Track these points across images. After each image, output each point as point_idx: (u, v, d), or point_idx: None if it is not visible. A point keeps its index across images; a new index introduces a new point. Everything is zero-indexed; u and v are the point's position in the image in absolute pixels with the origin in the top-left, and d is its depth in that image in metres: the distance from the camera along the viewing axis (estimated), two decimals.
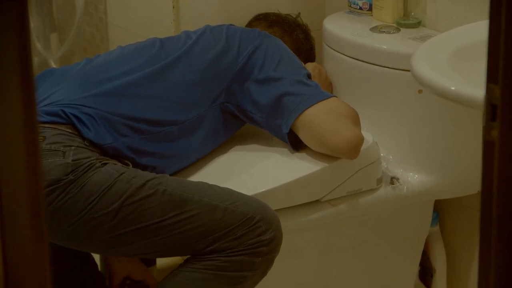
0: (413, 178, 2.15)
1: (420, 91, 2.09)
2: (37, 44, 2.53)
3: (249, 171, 2.05)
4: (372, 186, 2.10)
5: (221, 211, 1.86)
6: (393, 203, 2.14)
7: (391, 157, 2.17)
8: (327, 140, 1.98)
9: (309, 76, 2.07)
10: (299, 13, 2.32)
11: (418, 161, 2.17)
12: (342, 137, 1.97)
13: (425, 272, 2.35)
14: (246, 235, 1.86)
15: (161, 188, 1.86)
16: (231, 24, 2.16)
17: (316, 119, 1.97)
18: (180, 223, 1.86)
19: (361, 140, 1.98)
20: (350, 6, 2.35)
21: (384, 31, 2.21)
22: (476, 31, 1.90)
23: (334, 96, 2.05)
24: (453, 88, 1.63)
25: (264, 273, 1.92)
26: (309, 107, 1.98)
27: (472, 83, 1.60)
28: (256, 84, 2.03)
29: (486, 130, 0.91)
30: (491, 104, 0.89)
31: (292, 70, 2.06)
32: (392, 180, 2.14)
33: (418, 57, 1.78)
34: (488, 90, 0.87)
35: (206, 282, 1.89)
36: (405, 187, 2.13)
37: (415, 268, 2.31)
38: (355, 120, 2.01)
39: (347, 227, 2.14)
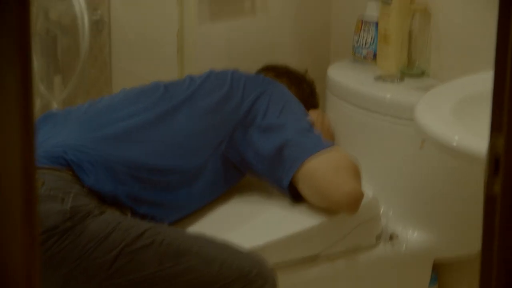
0: (412, 236, 2.13)
1: (422, 144, 2.06)
2: (40, 86, 2.52)
3: (248, 224, 2.01)
4: (371, 243, 2.08)
5: (218, 264, 1.83)
6: (391, 260, 2.12)
7: (391, 213, 2.14)
8: (327, 194, 1.95)
9: (312, 124, 2.04)
10: (307, 69, 2.31)
11: (418, 217, 2.14)
12: (342, 192, 1.94)
13: None
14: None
15: (159, 238, 1.83)
16: (236, 69, 2.14)
17: (316, 171, 1.95)
18: (176, 274, 1.83)
19: (361, 195, 1.95)
20: (355, 55, 2.33)
21: (387, 81, 2.19)
22: (481, 82, 1.86)
23: (336, 146, 2.02)
24: (456, 140, 1.58)
25: None
26: (309, 158, 1.95)
27: (476, 136, 1.56)
28: (259, 132, 2.01)
29: (489, 184, 0.87)
30: (494, 158, 0.85)
31: (295, 117, 2.04)
32: (391, 236, 2.11)
33: (421, 107, 1.74)
34: (492, 141, 0.84)
35: None
36: (404, 244, 2.10)
37: None
38: (356, 174, 1.98)
39: (344, 283, 2.10)
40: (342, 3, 2.51)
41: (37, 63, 2.55)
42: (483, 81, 1.75)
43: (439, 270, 2.29)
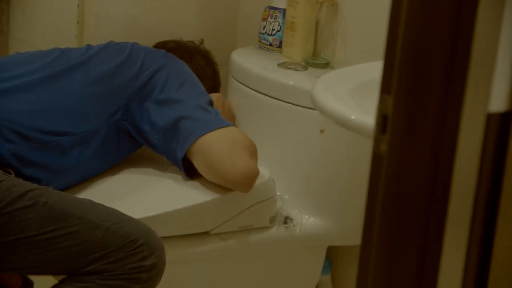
0: (308, 221, 2.09)
1: (322, 131, 2.04)
2: None
3: (139, 194, 1.95)
4: (264, 224, 2.03)
5: (103, 230, 1.74)
6: (285, 243, 2.07)
7: (287, 196, 2.10)
8: (221, 170, 1.89)
9: (211, 103, 1.99)
10: (202, 39, 2.27)
11: (314, 203, 2.10)
12: (236, 168, 1.88)
13: None
14: (126, 258, 1.74)
15: (42, 200, 1.72)
16: (136, 43, 2.08)
17: (212, 146, 1.89)
18: (57, 239, 1.73)
19: (256, 173, 1.90)
20: (260, 41, 2.31)
21: (291, 68, 2.16)
22: (377, 69, 1.85)
23: (234, 126, 1.97)
24: (353, 117, 1.56)
25: None
26: (206, 133, 1.89)
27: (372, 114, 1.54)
28: (156, 104, 1.95)
29: (375, 143, 0.86)
30: (383, 116, 0.84)
31: (194, 94, 1.98)
32: (286, 220, 2.07)
33: (320, 87, 1.72)
34: (381, 101, 0.83)
35: None
36: (298, 228, 2.06)
37: None
38: (252, 152, 1.93)
39: (235, 264, 2.05)
40: None
41: None
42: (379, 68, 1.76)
43: (333, 259, 2.27)
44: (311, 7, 2.19)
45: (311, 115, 2.01)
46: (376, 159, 0.87)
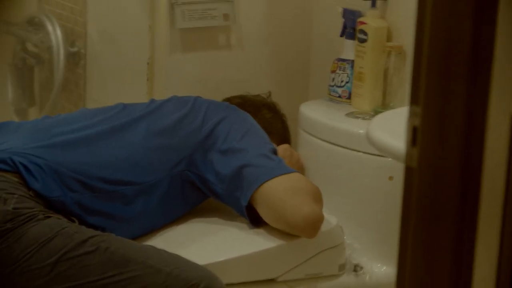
0: (379, 269, 2.06)
1: (390, 178, 2.03)
2: (14, 118, 2.51)
3: (203, 242, 1.96)
4: (333, 272, 2.00)
5: (164, 275, 1.76)
6: None
7: (356, 244, 2.08)
8: (285, 215, 1.88)
9: (275, 152, 2.00)
10: (269, 92, 2.30)
11: (384, 251, 2.08)
12: (300, 213, 1.87)
13: None
14: None
15: (104, 246, 1.76)
16: (199, 96, 2.12)
17: (275, 192, 1.89)
18: (119, 283, 1.76)
19: (320, 217, 1.89)
20: (330, 94, 2.32)
21: (359, 117, 2.17)
22: None
23: (297, 172, 1.97)
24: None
25: None
26: (269, 179, 1.90)
27: None
28: (219, 154, 1.97)
29: (407, 156, 0.89)
30: (413, 127, 0.87)
31: (257, 143, 2.00)
32: (356, 267, 2.07)
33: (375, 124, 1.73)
34: (411, 113, 0.86)
35: None
36: (368, 275, 2.03)
37: None
38: (317, 198, 1.92)
39: None
40: (321, 42, 2.52)
41: (13, 94, 2.54)
42: None
43: None
44: (379, 57, 2.21)
45: (380, 162, 2.01)
46: (408, 172, 0.89)
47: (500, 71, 0.80)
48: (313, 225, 1.89)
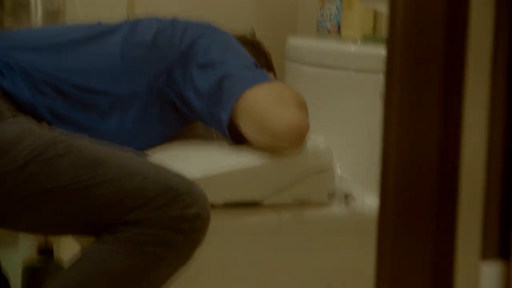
0: (371, 200, 1.99)
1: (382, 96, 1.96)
2: None
3: (183, 162, 1.88)
4: (322, 199, 1.94)
5: (141, 178, 1.73)
6: (345, 223, 2.01)
7: (347, 175, 2.05)
8: (267, 124, 1.83)
9: (256, 65, 1.95)
10: (253, 31, 2.28)
11: (377, 179, 1.99)
12: (284, 120, 1.82)
13: None
14: (167, 206, 1.72)
15: (75, 148, 1.74)
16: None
17: (257, 101, 1.84)
18: (92, 187, 1.73)
19: (305, 125, 1.83)
20: (319, 30, 2.33)
21: (349, 42, 2.15)
22: None
23: (280, 82, 1.92)
24: None
25: (185, 259, 1.77)
26: (249, 88, 1.84)
27: None
28: (199, 68, 1.92)
29: None
30: None
31: (237, 56, 1.95)
32: (347, 197, 1.99)
33: None
34: None
35: (117, 260, 1.74)
36: (360, 205, 1.97)
37: None
38: (301, 105, 1.87)
39: (289, 242, 1.97)
40: None
41: None
42: None
43: None
44: None
45: (371, 80, 2.00)
46: None
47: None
48: (298, 133, 1.84)
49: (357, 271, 2.04)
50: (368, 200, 2.00)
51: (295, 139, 1.85)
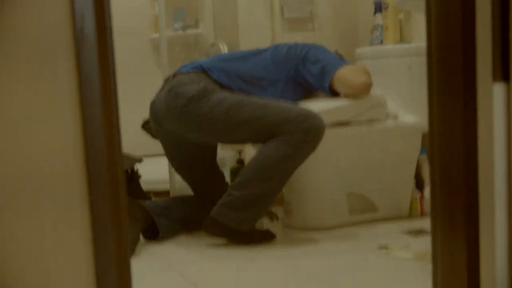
0: (409, 117, 3.62)
1: (409, 68, 3.71)
2: None
3: (312, 105, 3.45)
4: (382, 118, 3.57)
5: (287, 110, 3.21)
6: (394, 130, 3.58)
7: (394, 106, 3.65)
8: (350, 83, 3.40)
9: (341, 57, 3.65)
10: (337, 50, 3.89)
11: (411, 108, 3.69)
12: (358, 80, 3.41)
13: (418, 182, 3.75)
14: (302, 123, 3.17)
15: (252, 101, 3.24)
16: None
17: (342, 74, 3.42)
18: (263, 118, 3.22)
19: (370, 82, 3.42)
20: (370, 44, 4.07)
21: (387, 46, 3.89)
22: None
23: (354, 64, 3.63)
24: None
25: (312, 149, 3.19)
26: (337, 69, 3.43)
27: None
28: (311, 63, 3.50)
29: None
30: None
31: (330, 55, 3.55)
32: (395, 116, 3.61)
33: None
34: None
35: (279, 149, 3.18)
36: (402, 120, 3.59)
37: (412, 178, 3.72)
38: (366, 73, 3.47)
39: (365, 141, 3.55)
40: (364, 20, 4.28)
41: None
42: None
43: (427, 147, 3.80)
44: (395, 15, 3.95)
45: (405, 61, 3.70)
46: None
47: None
48: (366, 86, 3.41)
49: (399, 153, 3.62)
50: (406, 117, 3.59)
51: (366, 90, 3.41)
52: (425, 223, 3.49)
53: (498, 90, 1.55)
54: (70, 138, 1.65)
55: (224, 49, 4.23)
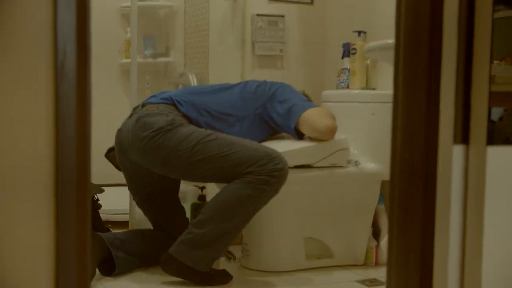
0: (369, 165, 3.68)
1: (373, 114, 3.77)
2: None
3: (275, 145, 3.46)
4: (343, 164, 3.61)
5: (253, 150, 3.23)
6: (355, 176, 3.63)
7: (355, 151, 3.74)
8: (317, 127, 3.44)
9: (308, 98, 3.68)
10: (304, 90, 3.93)
11: (372, 155, 3.74)
12: (324, 124, 3.44)
13: (375, 231, 3.80)
14: (267, 164, 3.21)
15: (219, 137, 3.27)
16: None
17: (309, 116, 3.47)
18: (229, 156, 3.24)
19: (335, 127, 3.47)
20: (337, 87, 4.12)
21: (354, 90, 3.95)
22: None
23: (320, 106, 3.68)
24: None
25: (275, 192, 3.22)
26: (305, 110, 3.47)
27: None
28: (278, 103, 3.56)
29: None
30: None
31: (298, 96, 3.61)
32: (356, 162, 3.66)
33: None
34: None
35: (242, 189, 3.19)
36: (363, 167, 3.66)
37: (369, 226, 3.76)
38: (333, 117, 3.52)
39: (326, 186, 3.59)
40: (332, 63, 4.35)
41: None
42: None
43: (386, 196, 3.87)
44: (362, 61, 4.01)
45: (366, 107, 3.73)
46: None
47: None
48: (331, 131, 3.45)
49: (358, 200, 3.68)
50: (367, 165, 3.64)
51: (331, 134, 3.45)
52: (380, 273, 3.54)
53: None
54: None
55: (193, 80, 4.27)
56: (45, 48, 1.73)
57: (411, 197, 1.87)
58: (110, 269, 3.41)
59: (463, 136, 1.73)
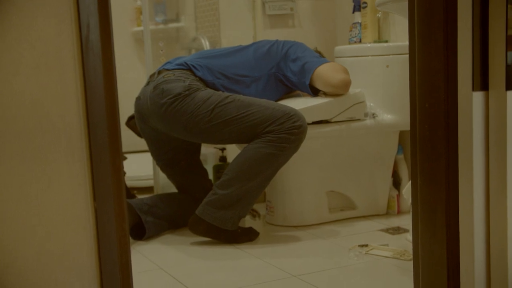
0: (386, 116, 3.73)
1: (387, 66, 3.81)
2: None
3: (292, 103, 3.53)
4: (361, 117, 3.66)
5: (271, 109, 3.26)
6: (373, 128, 3.68)
7: (372, 104, 3.78)
8: (330, 82, 3.49)
9: (321, 55, 3.72)
10: (316, 47, 4.02)
11: (388, 107, 3.78)
12: (338, 78, 3.48)
13: (396, 180, 3.85)
14: (285, 122, 3.23)
15: (237, 98, 3.30)
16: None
17: (323, 72, 3.50)
18: (247, 117, 3.27)
19: (349, 80, 3.51)
20: (349, 42, 4.15)
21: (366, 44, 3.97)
22: None
23: (333, 62, 3.71)
24: None
25: (295, 149, 3.24)
26: (318, 66, 3.51)
27: None
28: (292, 61, 3.60)
29: None
30: None
31: (311, 53, 3.65)
32: (373, 115, 3.71)
33: None
34: None
35: (263, 148, 3.23)
36: (381, 118, 3.70)
37: (389, 177, 3.81)
38: (345, 71, 3.56)
39: (344, 139, 3.64)
40: (343, 18, 4.38)
41: None
42: None
43: (404, 146, 3.92)
44: (374, 14, 4.04)
45: (381, 60, 3.75)
46: None
47: None
48: (346, 85, 3.49)
49: (377, 151, 3.74)
50: (384, 116, 3.67)
51: (345, 87, 3.49)
52: (403, 221, 3.62)
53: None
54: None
55: (206, 43, 4.30)
56: (69, 22, 1.78)
57: (434, 146, 1.89)
58: (140, 233, 3.49)
59: (482, 82, 1.73)
